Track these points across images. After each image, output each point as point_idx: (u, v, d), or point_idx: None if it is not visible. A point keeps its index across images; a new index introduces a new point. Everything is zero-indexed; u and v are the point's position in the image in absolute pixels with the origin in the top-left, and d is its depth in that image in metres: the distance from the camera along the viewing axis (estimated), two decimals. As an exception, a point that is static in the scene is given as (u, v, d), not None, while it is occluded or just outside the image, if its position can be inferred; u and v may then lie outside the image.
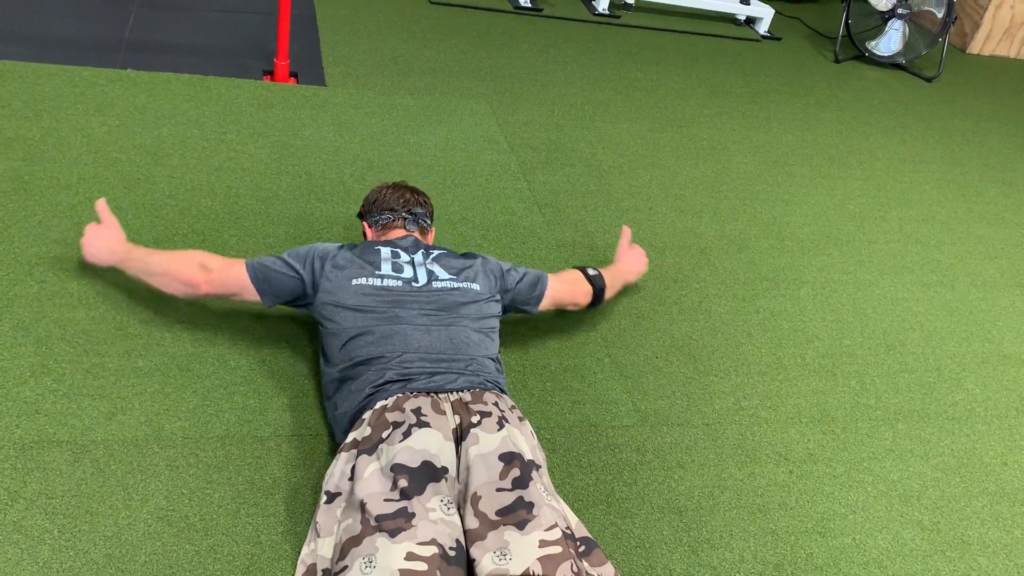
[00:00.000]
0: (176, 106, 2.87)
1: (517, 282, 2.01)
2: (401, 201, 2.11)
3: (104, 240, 1.95)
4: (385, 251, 1.92)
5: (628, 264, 2.37)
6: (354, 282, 1.82)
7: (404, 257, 1.91)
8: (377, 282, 1.82)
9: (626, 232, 2.40)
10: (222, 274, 1.84)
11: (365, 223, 2.14)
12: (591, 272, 2.19)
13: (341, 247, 1.91)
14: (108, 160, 2.53)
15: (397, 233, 2.06)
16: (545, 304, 2.08)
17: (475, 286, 1.90)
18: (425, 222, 2.12)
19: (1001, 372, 2.54)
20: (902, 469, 2.11)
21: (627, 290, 2.50)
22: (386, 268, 1.86)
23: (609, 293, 2.23)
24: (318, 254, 1.88)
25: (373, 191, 2.17)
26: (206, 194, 2.49)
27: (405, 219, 2.08)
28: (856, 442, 2.16)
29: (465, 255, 2.01)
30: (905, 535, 1.93)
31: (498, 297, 1.96)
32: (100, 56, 3.12)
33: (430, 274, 1.88)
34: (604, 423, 2.04)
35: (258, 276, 1.85)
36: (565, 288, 2.11)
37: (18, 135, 2.55)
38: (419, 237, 2.07)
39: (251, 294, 1.86)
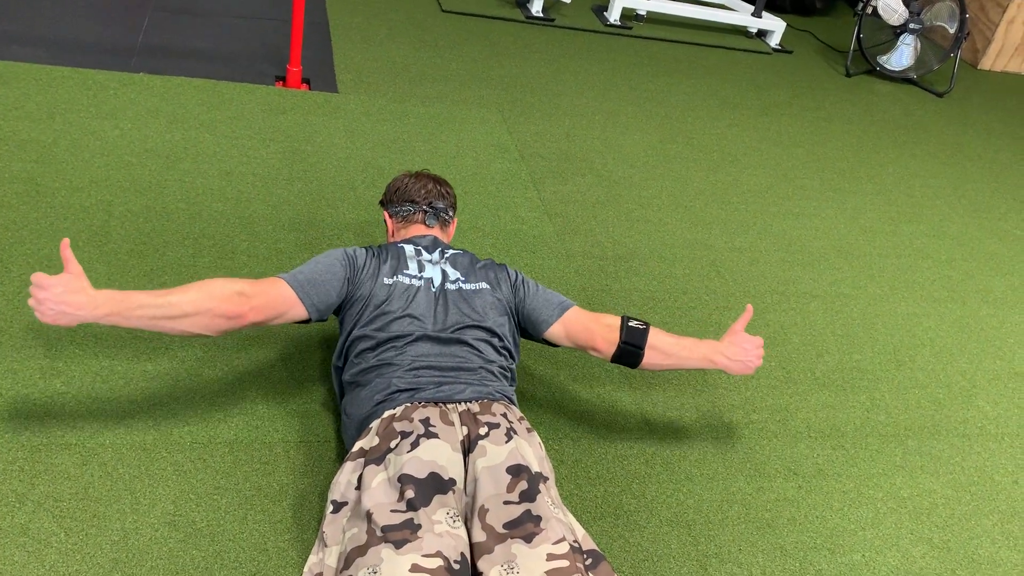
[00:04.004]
0: (188, 110, 2.88)
1: (535, 293, 1.92)
2: (423, 192, 2.05)
3: (75, 291, 1.48)
4: (409, 249, 1.89)
5: (726, 345, 1.90)
6: (385, 280, 1.79)
7: (425, 256, 1.89)
8: (405, 280, 1.80)
9: (748, 313, 1.94)
10: (264, 296, 1.66)
11: (386, 212, 2.09)
12: (633, 323, 1.86)
13: (364, 248, 1.88)
14: (120, 163, 2.54)
15: (417, 228, 2.02)
16: (558, 330, 1.88)
17: (484, 284, 1.87)
18: (447, 215, 2.07)
19: (1012, 389, 2.52)
20: (912, 486, 2.09)
21: (635, 301, 2.49)
22: (413, 267, 1.84)
23: (663, 359, 1.88)
24: (348, 253, 1.84)
25: (395, 179, 2.11)
26: (217, 199, 2.49)
27: (426, 212, 2.03)
28: (866, 458, 2.15)
29: (480, 260, 1.97)
30: (915, 553, 1.91)
31: (509, 302, 1.90)
32: (114, 60, 3.14)
33: (443, 274, 1.86)
34: (612, 434, 2.03)
35: (302, 287, 1.72)
36: (586, 320, 1.88)
37: (31, 137, 2.56)
38: (439, 232, 2.04)
39: (297, 310, 1.71)
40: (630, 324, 1.87)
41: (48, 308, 1.46)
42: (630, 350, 1.84)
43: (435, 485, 1.49)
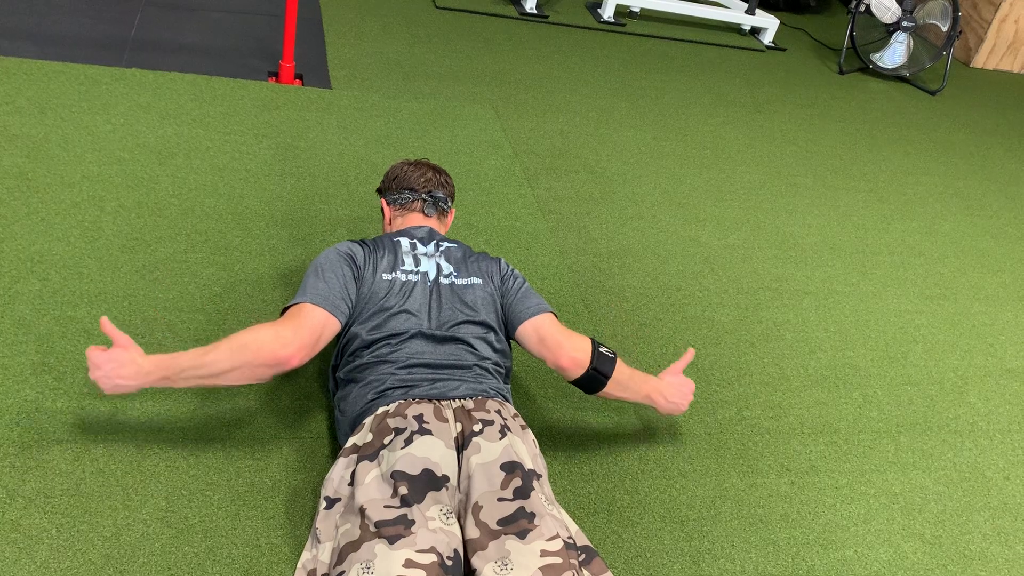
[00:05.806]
0: (181, 106, 2.87)
1: (520, 289, 1.90)
2: (422, 181, 2.03)
3: (124, 363, 1.53)
4: (404, 243, 1.88)
5: (666, 386, 1.91)
6: (384, 276, 1.78)
7: (420, 249, 1.88)
8: (402, 277, 1.79)
9: (688, 355, 1.97)
10: (303, 329, 1.62)
11: (383, 200, 2.06)
12: (604, 350, 1.81)
13: (356, 243, 1.85)
14: (112, 158, 2.53)
15: (415, 218, 2.01)
16: (528, 330, 1.81)
17: (476, 279, 1.86)
18: (445, 205, 2.06)
19: (1003, 386, 2.53)
20: (904, 482, 2.10)
21: (628, 298, 2.49)
22: (409, 262, 1.83)
23: (618, 390, 1.83)
24: (343, 251, 1.81)
25: (394, 167, 2.09)
26: (210, 194, 2.48)
27: (424, 201, 2.02)
28: (858, 454, 2.15)
29: (473, 253, 1.95)
30: (907, 548, 1.92)
31: (498, 295, 1.88)
32: (105, 54, 3.12)
33: (438, 268, 1.85)
34: (606, 431, 2.03)
35: (327, 300, 1.69)
36: (556, 332, 1.80)
37: (22, 132, 2.54)
38: (437, 223, 2.03)
39: (331, 324, 1.69)
40: (601, 350, 1.80)
41: (104, 383, 1.54)
42: (597, 377, 1.79)
43: (428, 482, 1.48)
